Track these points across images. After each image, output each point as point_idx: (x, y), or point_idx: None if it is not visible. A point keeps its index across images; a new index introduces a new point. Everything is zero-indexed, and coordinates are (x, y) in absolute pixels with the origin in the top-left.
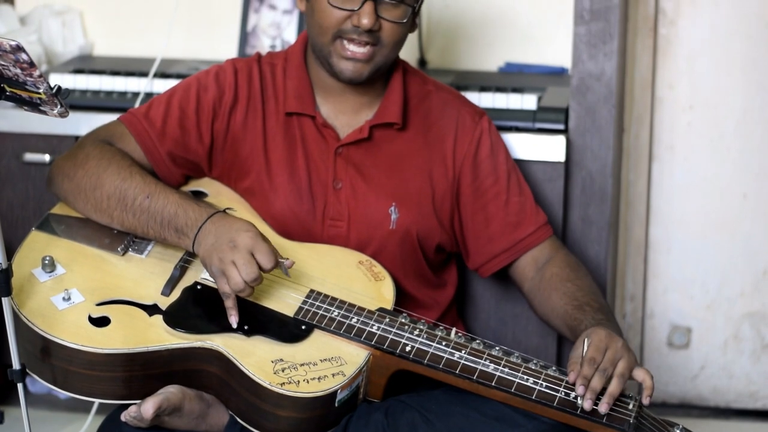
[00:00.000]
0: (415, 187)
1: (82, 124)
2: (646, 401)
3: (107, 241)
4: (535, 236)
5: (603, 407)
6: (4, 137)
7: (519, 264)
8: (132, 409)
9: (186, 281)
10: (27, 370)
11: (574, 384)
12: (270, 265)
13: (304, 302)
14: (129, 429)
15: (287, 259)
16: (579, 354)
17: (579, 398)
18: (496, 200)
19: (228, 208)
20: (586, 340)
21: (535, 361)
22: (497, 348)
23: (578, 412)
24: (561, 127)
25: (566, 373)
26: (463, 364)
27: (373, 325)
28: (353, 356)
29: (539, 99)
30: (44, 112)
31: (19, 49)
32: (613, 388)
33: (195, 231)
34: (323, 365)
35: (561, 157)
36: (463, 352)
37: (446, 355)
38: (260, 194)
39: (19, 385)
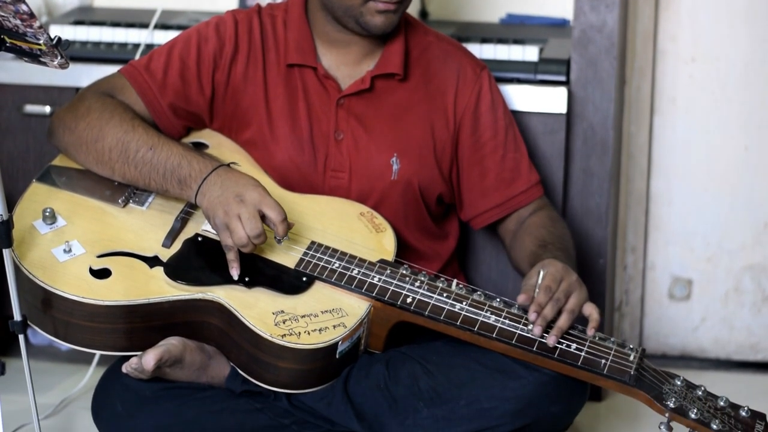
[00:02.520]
0: (417, 138)
1: (83, 75)
2: (590, 332)
3: (108, 192)
4: (528, 194)
5: (551, 340)
6: (5, 89)
7: (506, 220)
8: (133, 360)
9: (187, 233)
10: (28, 322)
11: (525, 308)
12: (280, 217)
13: (305, 254)
14: (130, 380)
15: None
16: (533, 282)
17: (530, 324)
18: (493, 155)
19: (232, 162)
20: (541, 270)
21: None
22: (498, 299)
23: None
24: (562, 78)
25: (571, 326)
26: (464, 315)
27: (374, 276)
28: (354, 308)
29: (541, 51)
30: (44, 64)
31: None
32: (563, 322)
33: (199, 182)
34: (324, 317)
35: (562, 108)
36: (464, 303)
37: (447, 307)
38: (261, 145)
39: (21, 337)
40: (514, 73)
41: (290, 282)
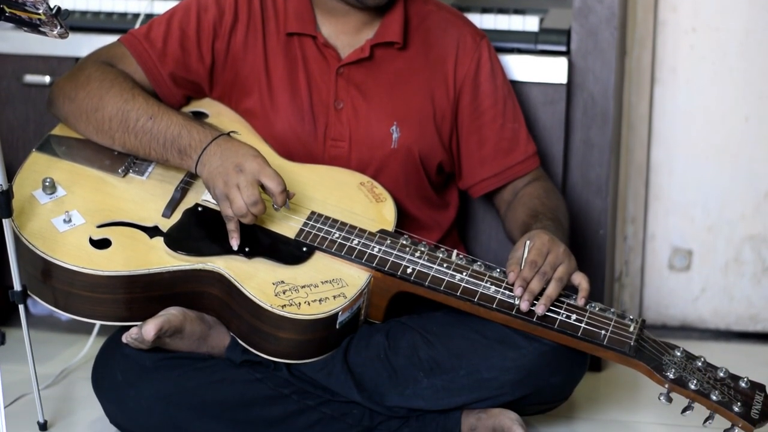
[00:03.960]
0: (417, 107)
1: (83, 45)
2: (580, 302)
3: (108, 162)
4: (525, 165)
5: (540, 308)
6: (4, 59)
7: (502, 191)
8: (133, 330)
9: (187, 203)
10: (28, 292)
11: (512, 284)
12: (279, 188)
13: (305, 224)
14: (130, 350)
15: (288, 190)
16: (519, 255)
17: (517, 299)
18: (492, 124)
19: (232, 131)
20: (528, 242)
21: None
22: (498, 270)
23: (513, 311)
24: (563, 49)
25: (568, 296)
26: (464, 286)
27: (374, 247)
28: (354, 278)
29: (541, 20)
30: (44, 33)
31: None
32: (551, 290)
33: (199, 152)
34: (324, 287)
35: (563, 79)
36: (464, 274)
37: (447, 278)
38: (261, 115)
39: (21, 307)
40: (514, 43)
41: (290, 252)
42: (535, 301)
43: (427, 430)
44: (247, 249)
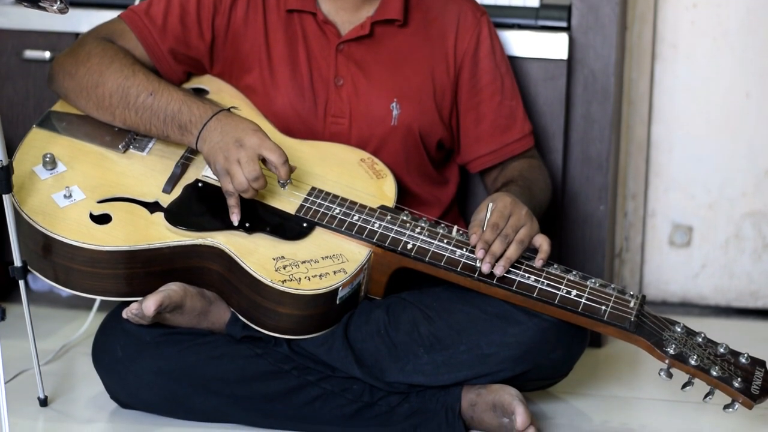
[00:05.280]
0: (417, 83)
1: (83, 20)
2: (538, 263)
3: (108, 138)
4: (521, 143)
5: (498, 269)
6: (4, 34)
7: (492, 170)
8: (134, 306)
9: (187, 178)
10: (28, 268)
11: (474, 246)
12: (281, 159)
13: (306, 200)
14: (131, 326)
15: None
16: (482, 218)
17: (478, 261)
18: (490, 100)
19: (233, 107)
20: (490, 204)
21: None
22: None
23: (476, 275)
24: (563, 24)
25: (568, 271)
26: (465, 262)
27: (374, 222)
28: (354, 254)
29: None
30: (43, 8)
31: None
32: (511, 252)
33: (199, 128)
34: (325, 263)
35: (563, 54)
36: (465, 249)
37: (447, 253)
38: (262, 91)
39: (21, 282)
40: (514, 19)
41: (291, 228)
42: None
43: (428, 405)
44: (247, 224)
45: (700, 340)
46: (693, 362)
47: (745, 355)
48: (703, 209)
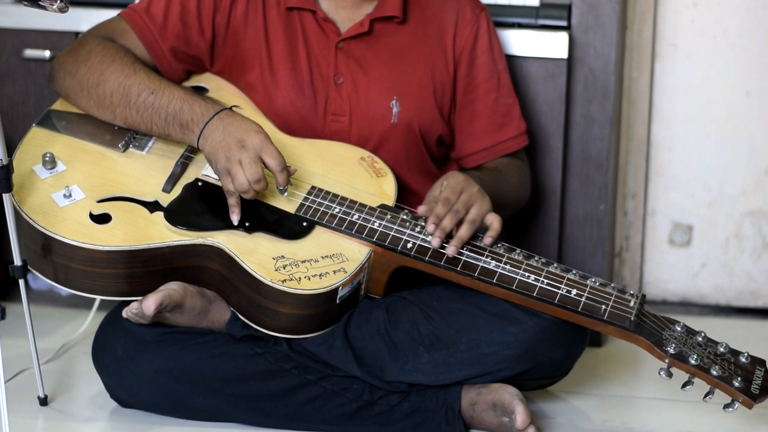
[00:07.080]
0: (416, 80)
1: (83, 19)
2: (487, 240)
3: (108, 137)
4: (516, 141)
5: (450, 250)
6: (4, 33)
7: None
8: (134, 305)
9: (187, 177)
10: (28, 267)
11: (425, 218)
12: (279, 167)
13: (306, 199)
14: (131, 325)
15: (290, 166)
16: (435, 195)
17: (428, 236)
18: (485, 97)
19: (234, 106)
20: (444, 182)
21: (536, 258)
22: (499, 245)
23: (427, 257)
24: (564, 23)
25: (568, 270)
26: (465, 261)
27: (374, 221)
28: (354, 253)
29: None
30: (43, 7)
31: None
32: (463, 232)
33: (201, 126)
34: (324, 262)
35: (563, 53)
36: (464, 248)
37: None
38: (262, 89)
39: (21, 282)
40: (515, 18)
41: (291, 227)
42: (445, 245)
43: (428, 404)
44: (247, 224)
45: (700, 339)
46: (693, 361)
47: (745, 354)
48: (703, 208)
